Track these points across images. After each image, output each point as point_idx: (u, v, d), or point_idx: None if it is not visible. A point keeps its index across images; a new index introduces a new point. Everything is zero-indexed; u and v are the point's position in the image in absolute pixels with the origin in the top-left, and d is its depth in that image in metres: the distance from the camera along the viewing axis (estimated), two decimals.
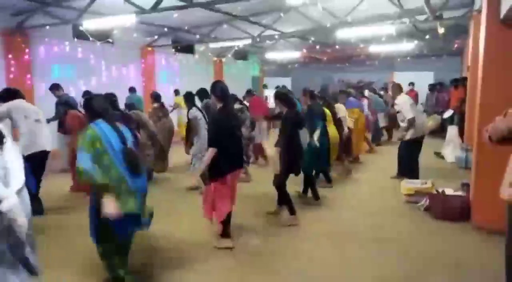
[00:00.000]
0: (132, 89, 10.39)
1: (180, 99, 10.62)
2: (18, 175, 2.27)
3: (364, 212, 5.22)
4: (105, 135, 2.94)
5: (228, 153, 3.88)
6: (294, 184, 5.54)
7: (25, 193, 2.35)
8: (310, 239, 4.34)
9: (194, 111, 6.05)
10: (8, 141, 2.31)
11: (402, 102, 6.29)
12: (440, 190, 5.06)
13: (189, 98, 6.32)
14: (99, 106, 3.15)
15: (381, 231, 4.55)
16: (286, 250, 4.05)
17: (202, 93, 6.55)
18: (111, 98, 5.22)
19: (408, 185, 5.61)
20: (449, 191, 5.08)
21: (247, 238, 4.31)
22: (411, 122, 6.15)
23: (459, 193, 5.06)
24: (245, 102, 8.22)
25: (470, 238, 4.29)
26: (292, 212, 4.75)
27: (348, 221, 4.90)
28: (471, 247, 4.07)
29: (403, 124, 6.36)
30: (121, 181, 2.94)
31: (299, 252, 4.00)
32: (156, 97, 7.43)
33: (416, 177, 6.25)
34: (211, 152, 3.82)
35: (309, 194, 5.67)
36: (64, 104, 6.44)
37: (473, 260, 3.78)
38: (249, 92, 9.48)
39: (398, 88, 6.61)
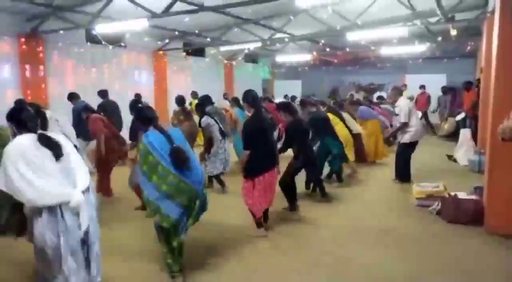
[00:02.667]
0: (137, 97, 9.30)
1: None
2: (83, 176, 2.78)
3: (372, 213, 5.18)
4: (155, 147, 3.18)
5: (261, 155, 4.19)
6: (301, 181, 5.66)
7: (91, 195, 2.85)
8: (313, 239, 4.35)
9: (206, 119, 6.17)
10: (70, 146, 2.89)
11: (402, 105, 6.38)
12: (452, 194, 4.99)
13: (198, 107, 6.48)
14: (149, 113, 3.54)
15: (386, 233, 4.50)
16: (290, 249, 4.06)
17: (206, 100, 6.82)
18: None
19: (420, 188, 5.54)
20: (461, 195, 5.00)
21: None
22: (402, 127, 6.32)
23: (472, 197, 4.99)
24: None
25: (482, 242, 4.21)
26: (292, 208, 5.08)
27: (354, 221, 4.88)
28: (481, 251, 4.00)
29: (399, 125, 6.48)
30: (179, 182, 3.18)
31: (302, 252, 4.02)
32: (177, 100, 7.56)
33: (408, 179, 6.46)
34: (245, 155, 4.21)
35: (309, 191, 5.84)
36: (84, 110, 6.30)
37: (483, 264, 3.71)
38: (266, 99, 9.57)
39: (398, 92, 6.76)
